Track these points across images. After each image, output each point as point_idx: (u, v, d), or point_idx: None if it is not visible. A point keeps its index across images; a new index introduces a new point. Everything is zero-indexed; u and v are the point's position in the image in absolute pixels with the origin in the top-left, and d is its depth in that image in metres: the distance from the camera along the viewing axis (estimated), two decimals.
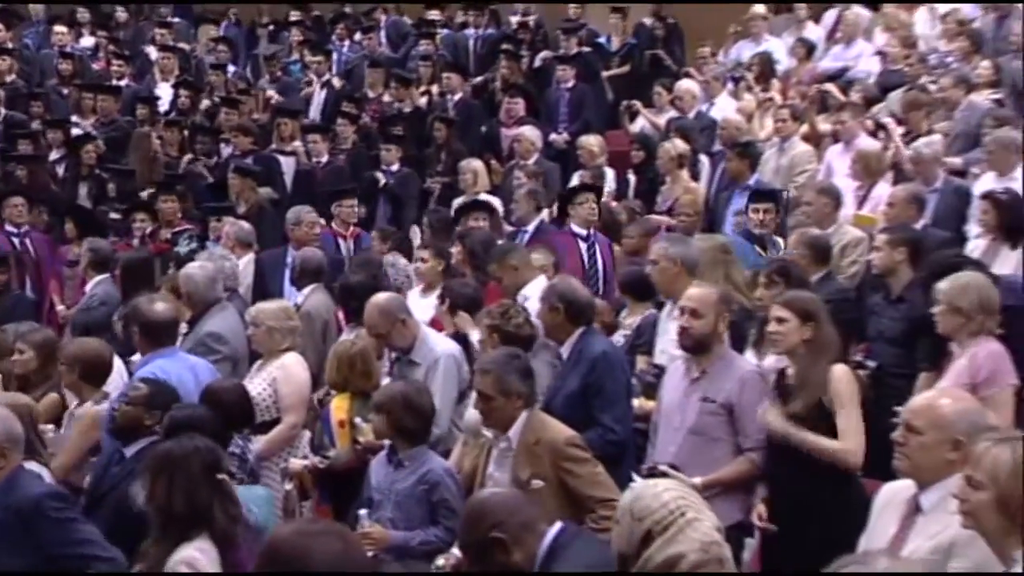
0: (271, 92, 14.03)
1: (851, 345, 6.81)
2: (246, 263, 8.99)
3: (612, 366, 5.96)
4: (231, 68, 14.78)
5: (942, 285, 5.90)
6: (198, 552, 3.92)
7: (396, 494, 5.42)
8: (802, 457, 5.27)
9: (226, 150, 12.33)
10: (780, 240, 7.93)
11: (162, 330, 6.30)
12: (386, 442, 5.60)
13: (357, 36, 15.14)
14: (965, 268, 6.32)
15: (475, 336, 6.71)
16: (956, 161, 9.66)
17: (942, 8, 12.89)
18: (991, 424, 4.01)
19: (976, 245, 7.80)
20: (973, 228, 8.08)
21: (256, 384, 6.52)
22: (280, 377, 6.57)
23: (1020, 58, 10.99)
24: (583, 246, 8.81)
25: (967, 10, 12.14)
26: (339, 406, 6.44)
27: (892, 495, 4.17)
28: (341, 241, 9.79)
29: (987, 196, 7.85)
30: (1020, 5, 11.09)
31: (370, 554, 5.15)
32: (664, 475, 5.12)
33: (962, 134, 9.95)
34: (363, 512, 5.38)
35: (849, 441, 5.22)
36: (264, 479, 6.19)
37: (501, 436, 5.22)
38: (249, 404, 5.93)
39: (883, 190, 9.07)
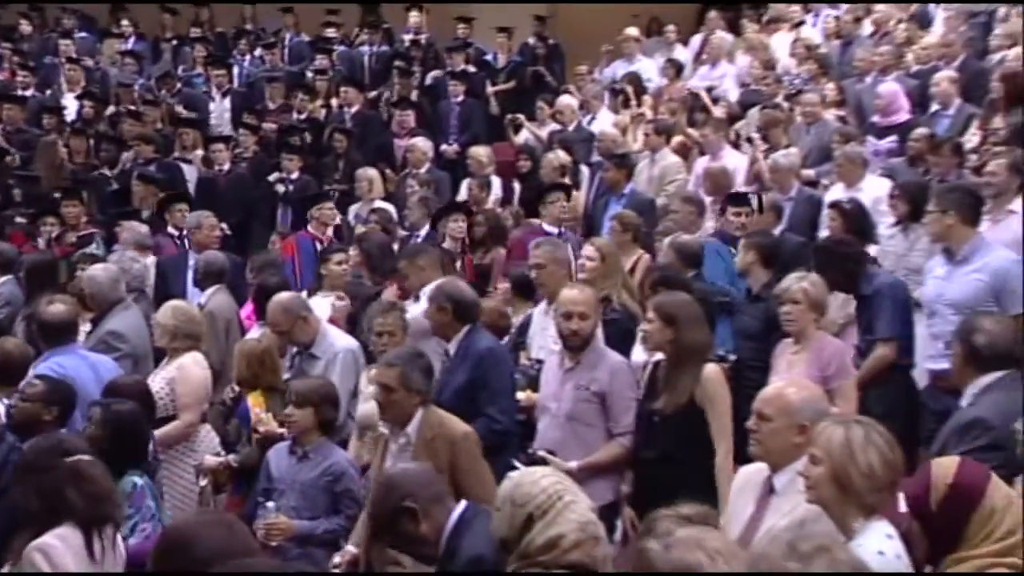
0: (174, 103, 13.84)
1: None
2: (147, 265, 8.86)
3: (497, 361, 6.00)
4: (139, 81, 14.56)
5: (802, 283, 6.01)
6: (54, 539, 3.80)
7: (300, 484, 5.38)
8: (668, 442, 5.34)
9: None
10: None
11: (60, 329, 6.20)
12: (285, 431, 5.57)
13: (258, 51, 15.02)
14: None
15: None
16: (810, 173, 9.91)
17: (796, 33, 13.25)
18: (832, 411, 4.13)
19: None
20: (823, 233, 8.27)
21: (156, 382, 6.41)
22: (177, 376, 6.46)
23: (862, 81, 11.35)
24: None
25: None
26: (256, 402, 6.36)
27: (748, 478, 4.24)
28: (317, 244, 9.54)
29: (834, 205, 8.03)
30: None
31: (275, 543, 5.15)
32: (543, 460, 5.23)
33: (815, 149, 10.20)
34: (270, 504, 5.32)
35: (724, 442, 5.26)
36: (163, 474, 6.10)
37: (399, 431, 5.12)
38: (150, 399, 5.81)
39: None
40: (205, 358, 6.75)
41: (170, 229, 9.85)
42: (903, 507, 3.53)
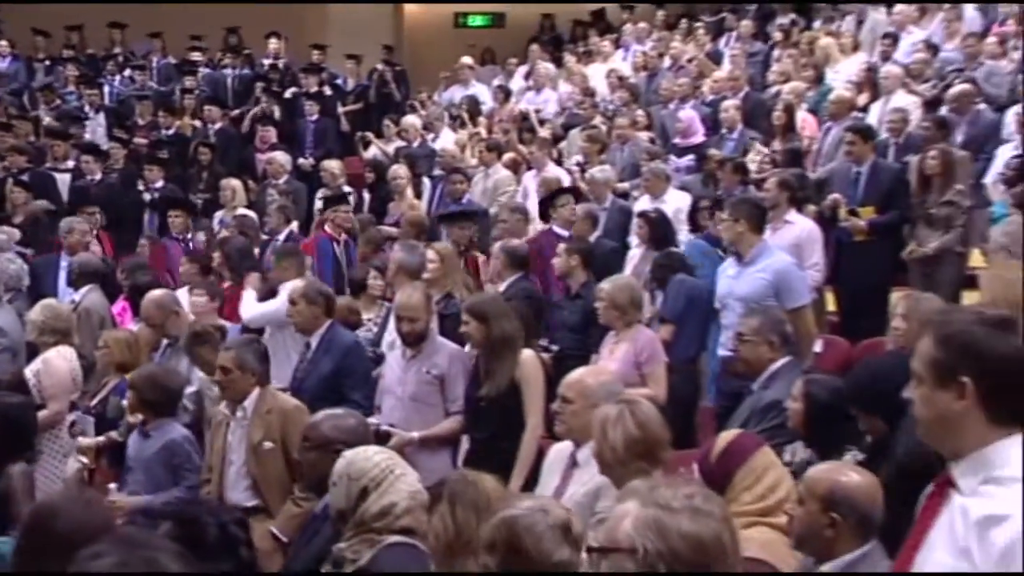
0: (45, 117, 13.36)
1: (539, 332, 7.03)
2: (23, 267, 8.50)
3: (359, 352, 6.05)
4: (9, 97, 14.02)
5: (604, 285, 6.13)
6: None
7: (144, 461, 5.29)
8: (494, 423, 5.38)
9: None
10: None
11: None
12: (139, 417, 5.45)
13: (128, 72, 14.60)
14: None
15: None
16: (624, 186, 10.08)
17: (609, 64, 13.49)
18: (624, 392, 4.20)
19: (635, 253, 8.16)
20: (634, 239, 8.43)
21: (27, 374, 6.21)
22: (42, 369, 6.25)
23: (665, 107, 11.63)
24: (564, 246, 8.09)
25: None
26: None
27: (557, 454, 4.31)
28: (335, 244, 9.17)
29: (642, 214, 8.16)
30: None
31: (120, 521, 5.01)
32: (387, 435, 5.27)
33: (627, 165, 10.39)
34: (112, 485, 5.26)
35: (532, 419, 5.30)
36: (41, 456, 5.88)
37: (238, 407, 5.18)
38: (26, 389, 5.63)
39: None
40: (78, 351, 6.54)
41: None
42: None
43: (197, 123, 13.12)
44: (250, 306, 7.09)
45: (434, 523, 3.04)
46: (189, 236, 9.73)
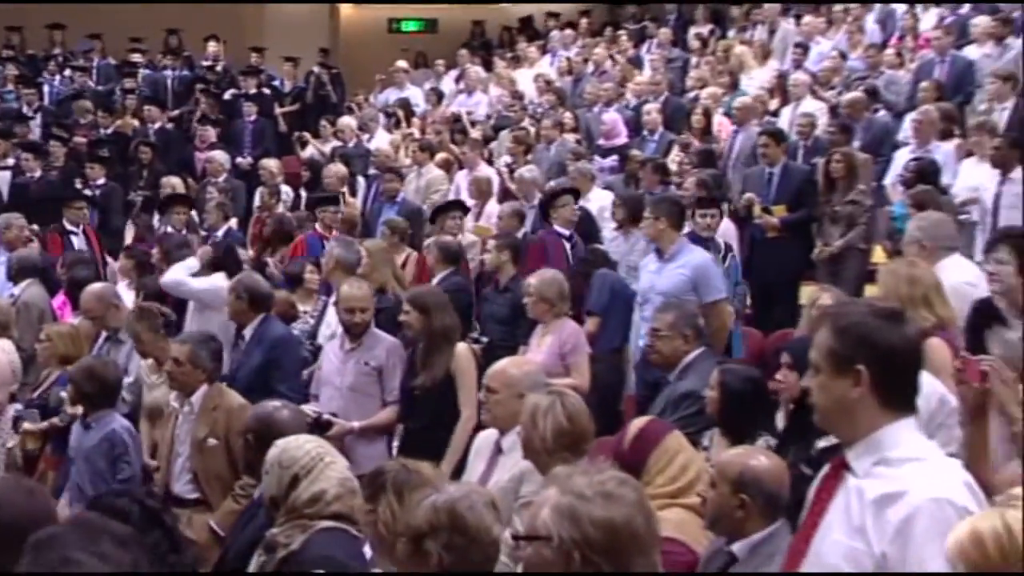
0: None
1: (469, 325, 7.04)
2: None
3: (288, 346, 5.94)
4: None
5: (532, 280, 6.11)
6: None
7: (85, 451, 5.18)
8: (428, 413, 5.35)
9: None
10: (721, 241, 7.31)
11: None
12: (80, 409, 5.35)
13: (68, 72, 14.29)
14: None
15: None
16: (551, 184, 10.10)
17: (536, 69, 13.53)
18: (548, 382, 4.23)
19: None
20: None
21: None
22: None
23: (590, 110, 11.68)
24: (567, 245, 7.92)
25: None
26: None
27: (483, 441, 4.30)
28: (325, 242, 8.99)
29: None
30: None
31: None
32: (329, 423, 5.23)
33: (554, 165, 10.42)
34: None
35: (466, 409, 5.27)
36: None
37: (186, 401, 5.10)
38: None
39: (493, 207, 9.33)
40: (17, 344, 6.42)
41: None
42: None
43: (137, 123, 12.90)
44: (177, 271, 6.86)
45: (381, 512, 3.03)
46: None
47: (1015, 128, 8.53)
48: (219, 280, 6.62)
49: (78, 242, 9.32)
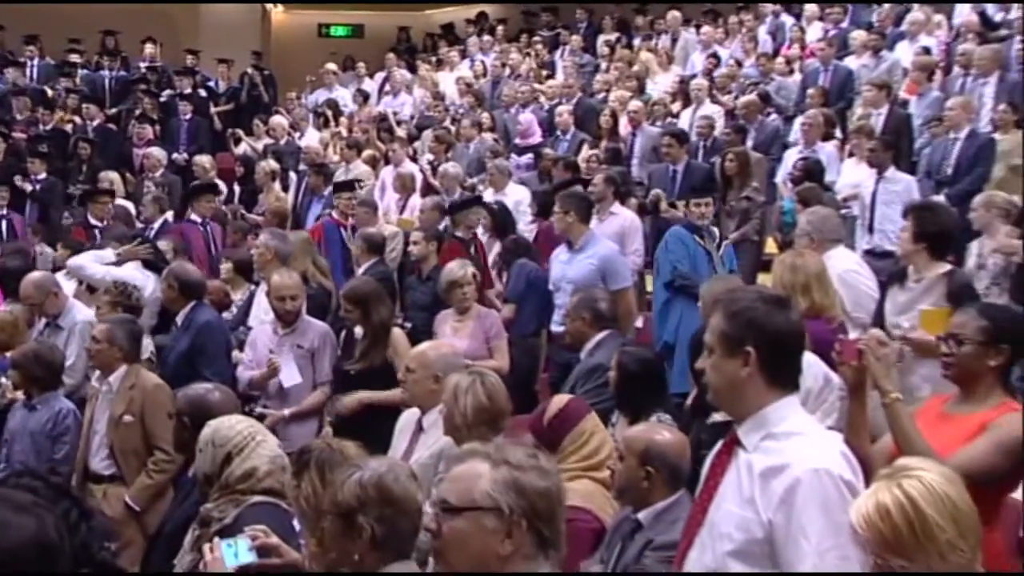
0: None
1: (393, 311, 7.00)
2: None
3: (214, 332, 5.80)
4: None
5: (444, 271, 6.08)
6: None
7: (30, 433, 5.06)
8: (362, 388, 5.27)
9: None
10: (716, 230, 7.07)
11: None
12: (20, 394, 5.20)
13: (8, 71, 13.83)
14: None
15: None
16: (471, 180, 10.09)
17: (457, 72, 13.49)
18: (465, 363, 4.24)
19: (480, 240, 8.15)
20: (479, 228, 8.39)
21: None
22: None
23: (507, 111, 11.69)
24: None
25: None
26: None
27: (406, 420, 4.30)
28: (341, 229, 8.55)
29: (485, 206, 8.23)
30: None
31: None
32: (261, 416, 5.11)
33: (473, 162, 10.41)
34: None
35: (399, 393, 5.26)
36: None
37: (105, 381, 5.02)
38: None
39: (416, 201, 9.28)
40: None
41: (194, 216, 8.92)
42: None
43: (76, 120, 12.57)
44: (84, 257, 6.65)
45: (303, 488, 3.00)
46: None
47: (889, 132, 8.76)
48: (127, 271, 6.46)
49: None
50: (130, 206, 9.79)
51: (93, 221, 8.99)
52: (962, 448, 2.97)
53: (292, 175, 11.04)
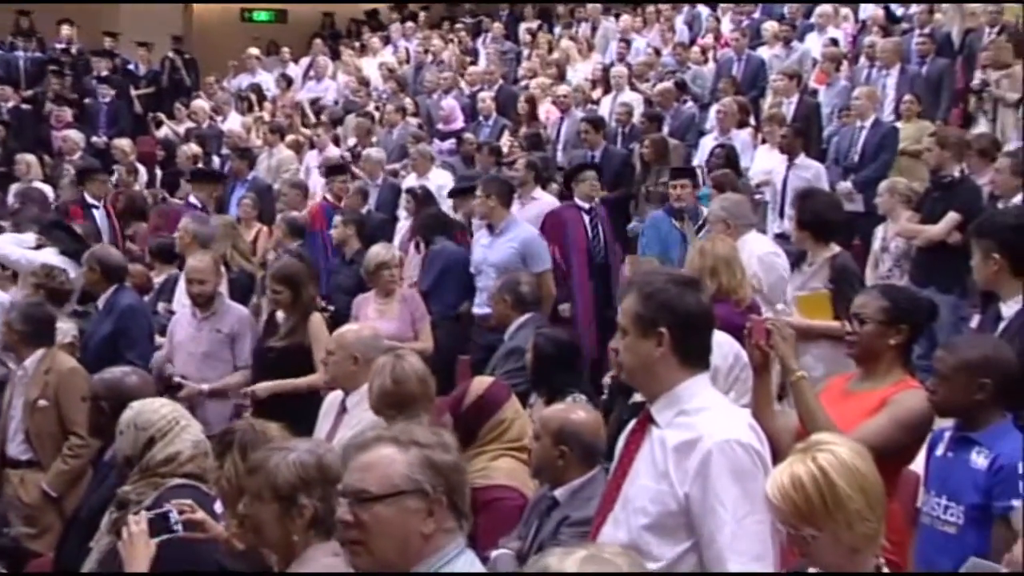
0: None
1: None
2: None
3: (136, 315, 5.67)
4: None
5: (369, 254, 6.04)
6: None
7: None
8: (283, 375, 5.19)
9: None
10: (703, 209, 6.73)
11: None
12: None
13: None
14: None
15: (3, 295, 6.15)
16: (394, 165, 10.02)
17: (381, 58, 13.38)
18: (384, 345, 4.21)
19: (404, 224, 8.11)
20: (402, 212, 8.38)
21: None
22: None
23: (430, 97, 11.62)
24: (586, 218, 7.23)
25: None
26: None
27: (330, 402, 4.28)
28: (338, 212, 8.13)
29: (410, 191, 8.12)
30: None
31: None
32: (180, 385, 5.12)
33: (396, 147, 10.32)
34: None
35: (320, 373, 5.14)
36: None
37: (20, 366, 4.89)
38: None
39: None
40: None
41: (192, 200, 8.60)
42: None
43: None
44: (4, 241, 6.49)
45: (225, 469, 2.95)
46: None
47: (799, 120, 8.93)
48: (45, 255, 6.26)
49: None
50: (48, 189, 9.49)
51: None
52: (863, 423, 3.05)
53: (215, 159, 10.84)
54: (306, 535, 2.38)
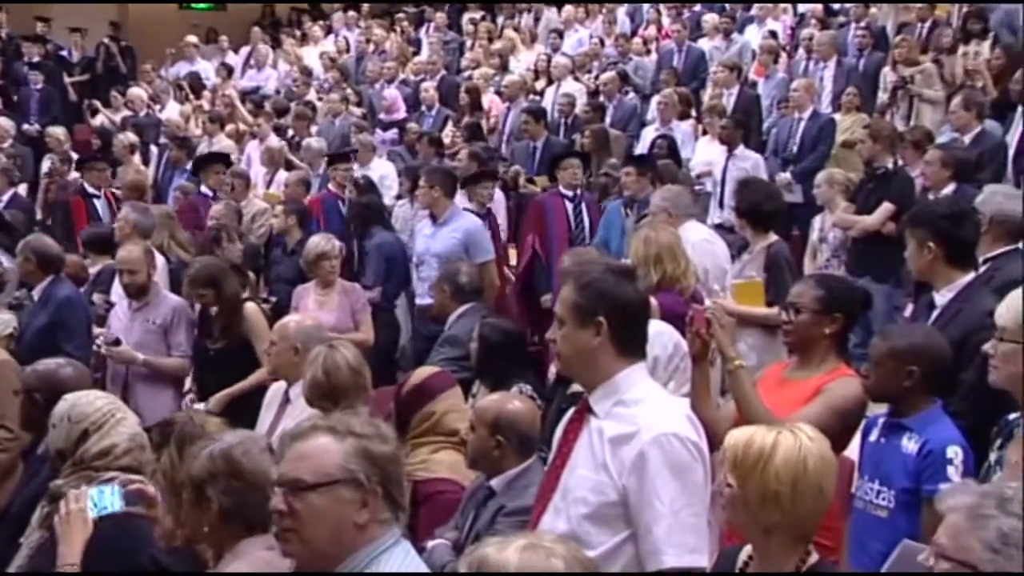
0: None
1: (257, 285, 6.87)
2: None
3: (74, 306, 5.56)
4: None
5: (322, 243, 5.97)
6: None
7: None
8: (226, 369, 5.16)
9: None
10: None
11: None
12: None
13: None
14: None
15: None
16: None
17: (322, 47, 13.24)
18: (326, 336, 4.17)
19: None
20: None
21: None
22: None
23: (372, 87, 11.53)
24: (569, 206, 7.17)
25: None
26: None
27: (274, 392, 4.26)
28: (340, 202, 8.08)
29: (353, 180, 8.10)
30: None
31: None
32: (117, 341, 5.17)
33: (338, 136, 10.23)
34: None
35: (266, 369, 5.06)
36: None
37: None
38: None
39: (282, 176, 9.05)
40: None
41: (204, 189, 8.32)
42: None
43: None
44: None
45: (162, 462, 2.91)
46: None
47: (739, 111, 9.04)
48: None
49: None
50: None
51: None
52: (799, 411, 3.09)
53: (153, 148, 10.65)
54: (221, 528, 2.36)
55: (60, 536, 2.71)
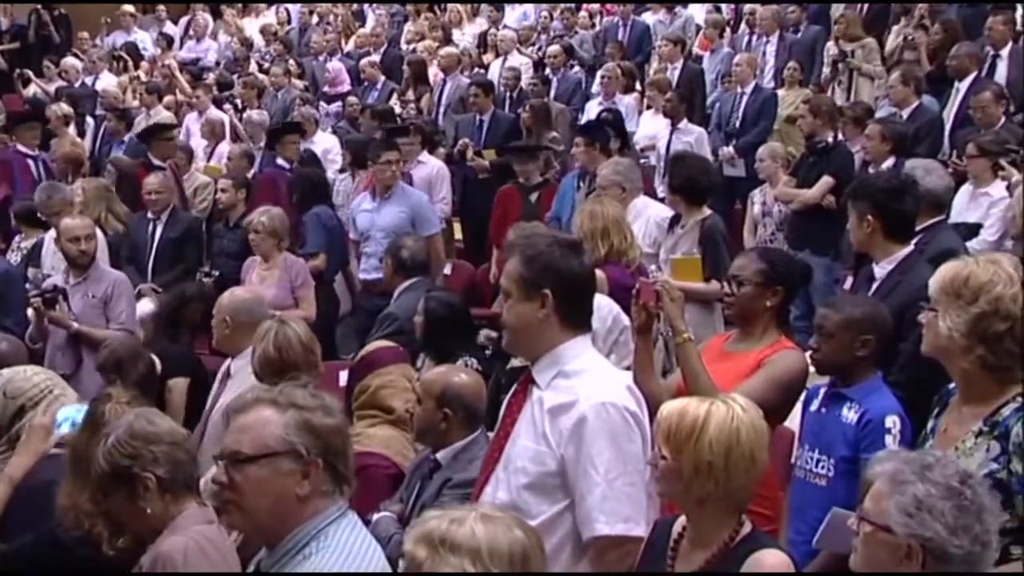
0: None
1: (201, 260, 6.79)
2: None
3: (12, 280, 5.52)
4: None
5: (261, 217, 5.89)
6: None
7: None
8: None
9: None
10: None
11: None
12: None
13: None
14: None
15: None
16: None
17: (264, 19, 13.01)
18: (265, 309, 4.11)
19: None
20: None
21: None
22: None
23: (316, 59, 11.37)
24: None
25: None
26: None
27: (226, 368, 4.19)
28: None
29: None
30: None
31: None
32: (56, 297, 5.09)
33: (280, 110, 10.05)
34: None
35: None
36: None
37: None
38: None
39: (224, 148, 8.86)
40: None
41: (280, 161, 7.90)
42: None
43: None
44: None
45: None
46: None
47: (683, 85, 9.07)
48: None
49: None
50: None
51: None
52: (741, 384, 3.13)
53: (89, 120, 10.39)
54: (165, 498, 2.34)
55: (18, 447, 2.70)
